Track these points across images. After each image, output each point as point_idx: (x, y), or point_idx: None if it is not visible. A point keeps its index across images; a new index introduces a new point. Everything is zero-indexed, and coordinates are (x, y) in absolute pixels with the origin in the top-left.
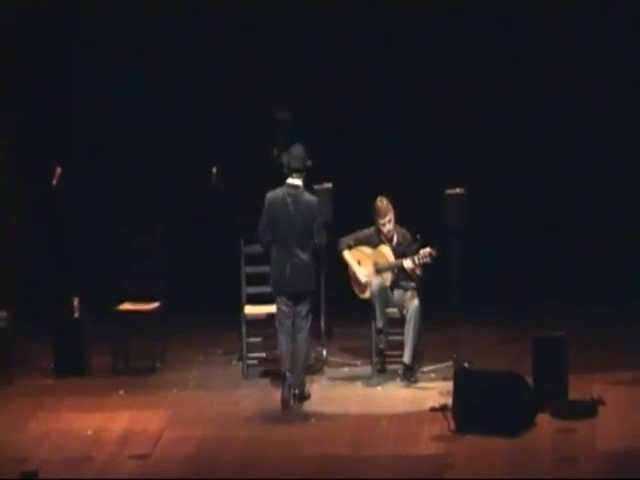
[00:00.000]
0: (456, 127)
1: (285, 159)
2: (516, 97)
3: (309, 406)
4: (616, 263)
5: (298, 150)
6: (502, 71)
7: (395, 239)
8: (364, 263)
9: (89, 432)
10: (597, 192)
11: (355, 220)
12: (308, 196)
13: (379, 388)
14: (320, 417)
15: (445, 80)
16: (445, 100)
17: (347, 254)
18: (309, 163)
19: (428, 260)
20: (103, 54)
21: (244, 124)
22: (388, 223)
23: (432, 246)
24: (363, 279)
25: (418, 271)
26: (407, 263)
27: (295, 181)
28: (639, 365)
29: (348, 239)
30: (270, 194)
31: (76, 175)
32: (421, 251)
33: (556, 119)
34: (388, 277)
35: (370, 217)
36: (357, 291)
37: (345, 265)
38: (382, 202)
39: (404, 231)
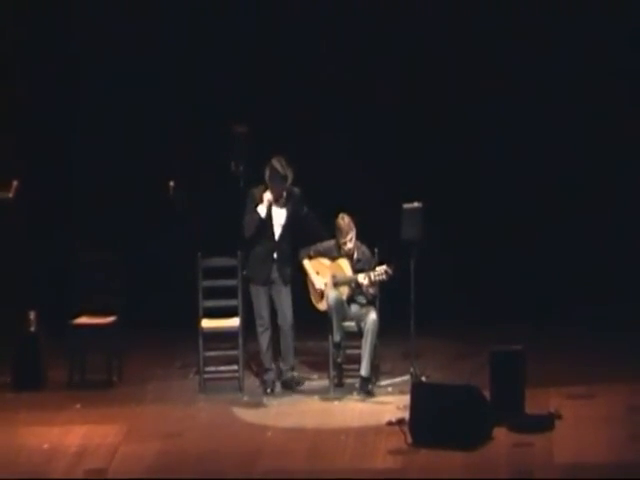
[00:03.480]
0: (413, 139)
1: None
2: (474, 109)
3: (266, 420)
4: (573, 278)
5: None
6: (460, 84)
7: (355, 256)
8: (322, 274)
9: (45, 446)
10: (555, 208)
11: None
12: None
13: (336, 402)
14: (277, 431)
15: (401, 93)
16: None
17: (306, 263)
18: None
19: (384, 278)
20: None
21: (202, 137)
22: (349, 242)
23: (388, 264)
24: (318, 284)
25: (372, 290)
26: (362, 279)
27: None
28: (595, 379)
29: (308, 250)
30: None
31: (34, 187)
32: (377, 268)
33: (516, 133)
34: (345, 291)
35: (331, 231)
36: (314, 301)
37: (304, 275)
38: (344, 220)
39: (364, 248)
